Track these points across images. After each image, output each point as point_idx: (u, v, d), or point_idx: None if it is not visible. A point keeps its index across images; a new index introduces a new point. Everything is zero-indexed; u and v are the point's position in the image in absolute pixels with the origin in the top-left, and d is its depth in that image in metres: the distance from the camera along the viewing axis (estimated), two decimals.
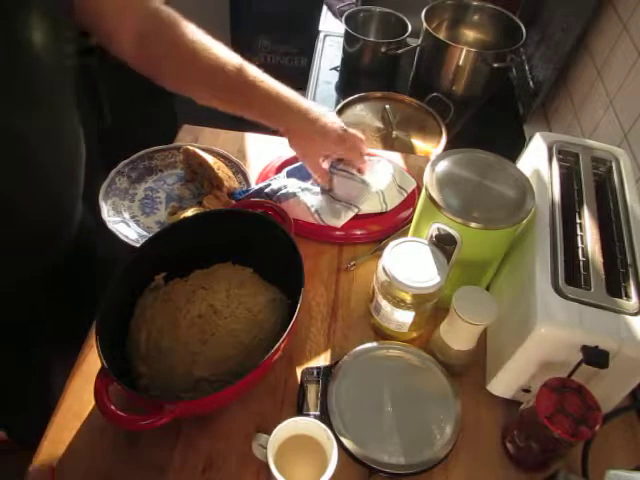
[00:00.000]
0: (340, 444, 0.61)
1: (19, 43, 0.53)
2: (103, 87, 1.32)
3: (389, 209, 0.86)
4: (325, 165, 0.83)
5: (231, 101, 0.73)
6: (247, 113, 0.74)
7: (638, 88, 0.96)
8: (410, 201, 0.88)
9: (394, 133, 1.24)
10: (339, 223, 0.82)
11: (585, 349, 0.57)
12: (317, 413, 0.65)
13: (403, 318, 0.69)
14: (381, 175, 0.86)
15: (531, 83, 1.36)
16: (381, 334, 0.74)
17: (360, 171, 0.84)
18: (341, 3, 1.59)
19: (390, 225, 0.86)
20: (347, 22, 1.38)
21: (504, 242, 0.69)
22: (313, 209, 0.82)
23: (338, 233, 0.84)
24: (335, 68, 1.48)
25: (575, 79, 1.22)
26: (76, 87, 0.66)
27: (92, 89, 1.25)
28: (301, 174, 0.87)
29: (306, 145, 0.79)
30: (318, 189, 0.85)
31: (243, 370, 0.61)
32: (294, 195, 0.83)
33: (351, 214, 0.82)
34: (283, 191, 0.84)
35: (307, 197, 0.83)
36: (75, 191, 0.74)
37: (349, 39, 1.40)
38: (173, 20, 0.69)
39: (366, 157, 0.84)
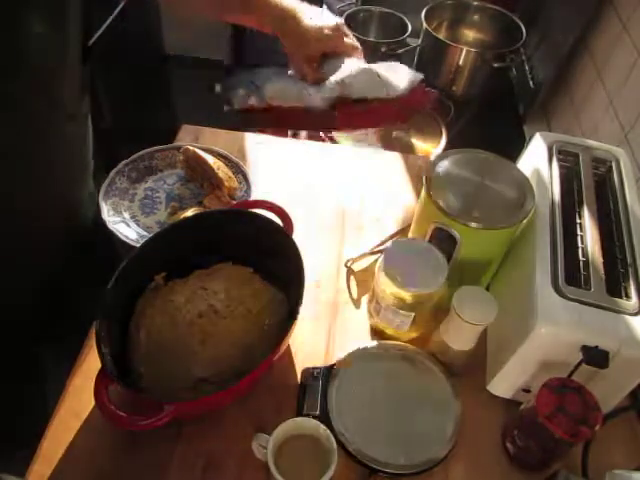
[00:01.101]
0: (340, 444, 0.61)
1: (19, 43, 0.53)
2: (102, 87, 1.32)
3: (391, 94, 0.79)
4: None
5: (227, 8, 0.75)
6: (241, 20, 0.75)
7: (638, 88, 0.96)
8: (418, 97, 0.82)
9: (394, 133, 1.24)
10: (329, 95, 0.76)
11: (585, 349, 0.57)
12: (317, 413, 0.64)
13: (403, 318, 0.69)
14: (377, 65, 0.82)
15: (531, 83, 1.36)
16: (381, 334, 0.74)
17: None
18: (341, 3, 1.59)
19: (391, 114, 0.81)
20: (347, 22, 1.37)
21: (504, 242, 0.69)
22: (304, 90, 0.78)
23: (334, 117, 0.80)
24: None
25: (575, 79, 1.22)
26: (82, 86, 0.67)
27: (91, 89, 1.25)
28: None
29: (296, 43, 0.78)
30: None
31: (243, 370, 0.61)
32: (285, 81, 0.79)
33: (339, 89, 0.77)
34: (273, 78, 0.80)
35: (299, 83, 0.79)
36: (81, 186, 0.75)
37: None
38: None
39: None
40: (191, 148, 0.89)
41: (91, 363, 0.67)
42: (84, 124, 0.71)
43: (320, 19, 0.76)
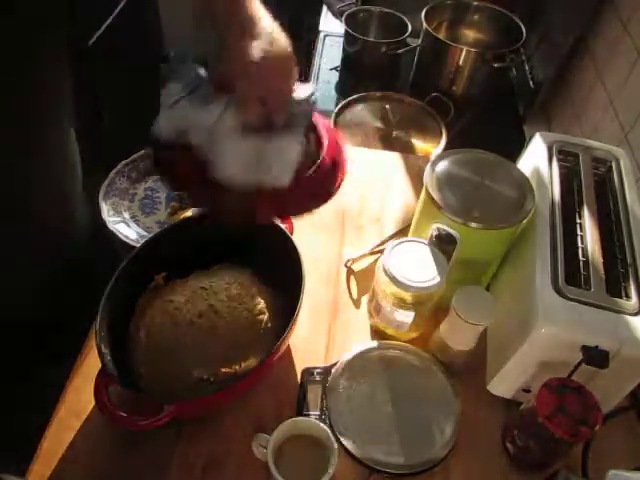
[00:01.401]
0: (340, 444, 0.61)
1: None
2: (102, 87, 1.32)
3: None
4: None
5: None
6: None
7: (638, 88, 0.96)
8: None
9: (394, 133, 1.24)
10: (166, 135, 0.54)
11: (585, 349, 0.57)
12: (317, 413, 0.65)
13: (403, 318, 0.69)
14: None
15: (531, 83, 1.36)
16: (381, 334, 0.74)
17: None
18: (341, 3, 1.59)
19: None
20: (347, 22, 1.38)
21: (504, 242, 0.69)
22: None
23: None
24: (335, 68, 1.48)
25: (575, 79, 1.22)
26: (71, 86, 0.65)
27: (92, 89, 1.25)
28: None
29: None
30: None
31: (243, 370, 0.61)
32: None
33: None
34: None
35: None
36: (77, 186, 0.75)
37: (349, 39, 1.40)
38: None
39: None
40: None
41: (91, 363, 0.67)
42: (71, 126, 0.70)
43: (273, 41, 0.55)
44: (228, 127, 0.55)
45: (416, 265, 0.66)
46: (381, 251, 0.78)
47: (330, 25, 1.60)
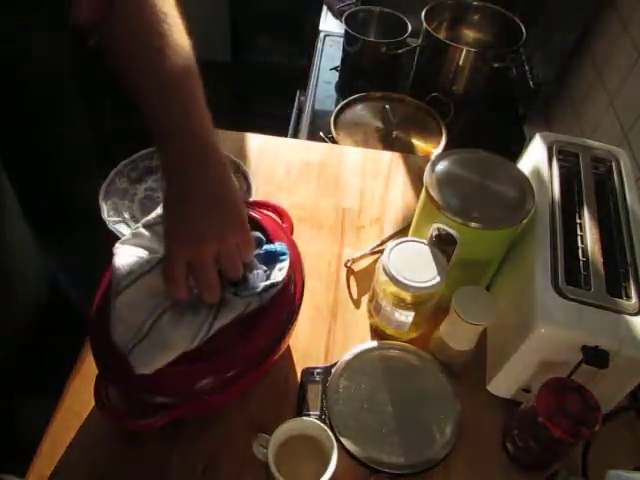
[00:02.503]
0: (340, 444, 0.61)
1: None
2: (102, 87, 1.32)
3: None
4: None
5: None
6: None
7: (638, 88, 0.96)
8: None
9: (394, 133, 1.24)
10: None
11: (585, 349, 0.57)
12: (317, 413, 0.65)
13: (403, 318, 0.69)
14: None
15: (531, 83, 1.37)
16: (381, 334, 0.74)
17: None
18: (341, 3, 1.59)
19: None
20: (347, 22, 1.38)
21: (504, 242, 0.69)
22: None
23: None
24: (335, 68, 1.48)
25: (575, 79, 1.22)
26: None
27: (91, 89, 1.25)
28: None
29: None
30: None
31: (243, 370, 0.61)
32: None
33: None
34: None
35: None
36: None
37: (349, 39, 1.40)
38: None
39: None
40: None
41: (91, 363, 0.67)
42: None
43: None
44: (139, 289, 0.51)
45: (416, 265, 0.66)
46: (381, 251, 0.78)
47: (330, 25, 1.60)
